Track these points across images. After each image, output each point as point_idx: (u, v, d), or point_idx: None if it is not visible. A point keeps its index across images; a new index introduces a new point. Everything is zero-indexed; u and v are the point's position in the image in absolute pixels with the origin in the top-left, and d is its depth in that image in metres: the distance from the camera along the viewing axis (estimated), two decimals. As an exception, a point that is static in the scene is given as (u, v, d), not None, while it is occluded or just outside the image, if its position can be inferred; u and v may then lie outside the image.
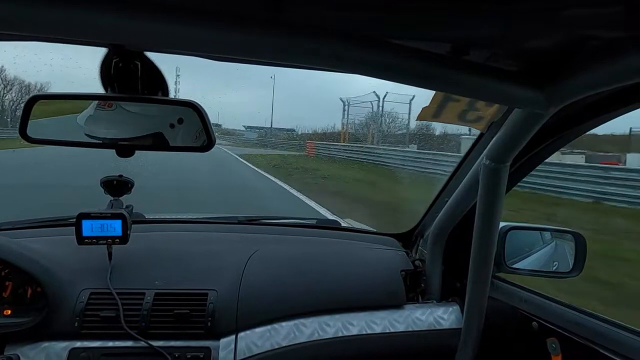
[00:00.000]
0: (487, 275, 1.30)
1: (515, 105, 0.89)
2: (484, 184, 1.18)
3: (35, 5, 0.50)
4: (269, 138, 44.41)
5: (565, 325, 1.16)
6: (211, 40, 0.57)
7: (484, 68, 0.71)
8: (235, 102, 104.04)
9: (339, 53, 0.60)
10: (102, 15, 0.52)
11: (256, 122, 70.38)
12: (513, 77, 0.72)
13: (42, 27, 0.53)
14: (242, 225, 1.86)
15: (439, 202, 1.59)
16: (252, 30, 0.56)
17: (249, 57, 0.66)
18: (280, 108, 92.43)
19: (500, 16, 0.58)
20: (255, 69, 29.80)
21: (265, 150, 31.95)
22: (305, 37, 0.58)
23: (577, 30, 0.61)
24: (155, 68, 0.76)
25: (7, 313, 1.26)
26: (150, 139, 0.88)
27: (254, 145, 41.25)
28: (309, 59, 0.62)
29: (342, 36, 0.60)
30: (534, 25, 0.61)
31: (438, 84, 0.73)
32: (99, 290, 1.29)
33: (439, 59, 0.66)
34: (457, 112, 1.08)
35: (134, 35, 0.56)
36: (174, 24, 0.54)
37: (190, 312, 1.28)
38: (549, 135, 1.12)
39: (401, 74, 0.66)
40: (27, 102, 0.84)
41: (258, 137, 50.60)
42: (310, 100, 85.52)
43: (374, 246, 1.74)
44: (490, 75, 0.71)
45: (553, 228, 1.58)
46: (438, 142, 24.00)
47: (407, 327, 1.44)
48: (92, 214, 1.27)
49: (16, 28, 0.53)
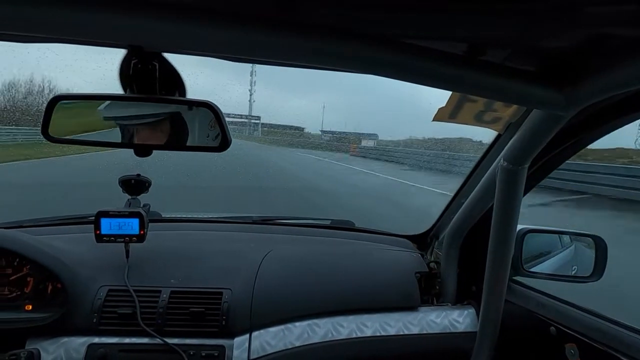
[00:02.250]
0: (504, 279, 1.28)
1: (534, 106, 0.88)
2: (501, 186, 1.16)
3: (56, 8, 0.51)
4: (332, 142, 44.53)
5: (585, 331, 1.13)
6: (227, 41, 0.58)
7: (501, 68, 0.70)
8: (327, 106, 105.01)
9: (353, 53, 0.60)
10: (121, 18, 0.53)
11: (341, 127, 70.25)
12: (531, 77, 0.71)
13: (63, 29, 0.54)
14: (257, 225, 1.87)
15: (455, 204, 1.57)
16: (267, 31, 0.57)
17: (263, 57, 0.66)
18: (368, 115, 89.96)
19: (518, 15, 0.57)
20: (343, 75, 30.87)
21: (315, 151, 34.18)
22: (321, 38, 0.58)
23: (597, 29, 0.60)
24: (173, 68, 0.77)
25: (28, 308, 1.29)
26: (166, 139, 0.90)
27: (316, 147, 42.25)
28: (325, 59, 0.62)
29: (357, 36, 0.59)
30: (553, 25, 0.59)
31: (454, 84, 0.72)
32: (116, 288, 1.31)
33: (456, 59, 0.65)
34: (474, 113, 1.07)
35: (152, 37, 0.57)
36: (191, 26, 0.55)
37: (205, 310, 1.29)
38: (568, 136, 1.10)
39: (417, 74, 0.65)
40: (49, 103, 0.86)
41: (327, 141, 50.03)
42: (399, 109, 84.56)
43: (388, 247, 1.73)
44: (507, 76, 0.69)
45: (572, 231, 1.54)
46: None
47: (422, 330, 1.42)
48: (110, 212, 1.30)
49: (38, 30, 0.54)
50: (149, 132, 0.88)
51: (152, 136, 0.88)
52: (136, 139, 0.88)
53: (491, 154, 1.35)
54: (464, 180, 1.53)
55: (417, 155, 23.86)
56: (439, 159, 20.58)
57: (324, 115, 69.01)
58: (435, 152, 22.85)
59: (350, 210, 7.66)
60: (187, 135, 0.89)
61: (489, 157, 1.36)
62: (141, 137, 0.88)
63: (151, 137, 0.88)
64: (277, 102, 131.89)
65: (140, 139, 0.88)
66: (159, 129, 0.88)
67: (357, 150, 33.46)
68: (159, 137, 0.88)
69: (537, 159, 1.12)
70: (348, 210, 7.76)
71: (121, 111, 0.87)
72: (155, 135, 0.88)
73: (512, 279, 1.40)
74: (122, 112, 0.87)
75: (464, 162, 15.37)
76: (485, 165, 1.38)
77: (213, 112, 0.84)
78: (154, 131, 0.88)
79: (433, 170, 18.72)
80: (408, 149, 28.94)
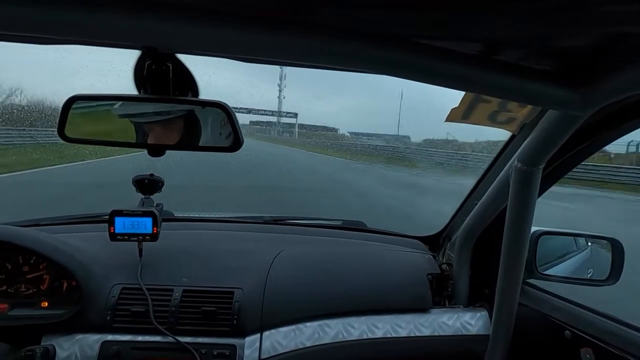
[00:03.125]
0: (518, 282, 1.27)
1: (549, 106, 0.86)
2: (515, 187, 1.14)
3: (73, 10, 0.52)
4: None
5: (601, 335, 1.11)
6: (241, 42, 0.58)
7: (516, 68, 0.69)
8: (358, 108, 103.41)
9: (366, 53, 0.60)
10: (136, 19, 0.54)
11: (373, 129, 67.26)
12: (547, 77, 0.70)
13: (80, 31, 0.55)
14: (268, 225, 1.88)
15: (468, 204, 1.56)
16: (281, 32, 0.57)
17: (278, 58, 0.66)
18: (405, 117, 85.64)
19: (533, 14, 0.56)
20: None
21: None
22: (334, 38, 0.58)
23: (613, 28, 0.59)
24: (186, 69, 0.78)
25: (44, 305, 1.32)
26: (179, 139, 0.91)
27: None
28: (337, 60, 0.61)
29: (369, 36, 0.59)
30: (569, 23, 0.58)
31: (468, 84, 0.71)
32: (129, 286, 1.33)
33: (469, 58, 0.65)
34: (488, 114, 1.05)
35: (166, 38, 0.58)
36: (205, 27, 0.55)
37: (216, 309, 1.30)
38: (584, 137, 1.08)
39: (430, 74, 0.64)
40: (66, 103, 0.87)
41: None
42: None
43: (400, 248, 1.72)
44: (522, 76, 0.68)
45: (588, 234, 1.52)
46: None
47: (433, 332, 1.41)
48: (124, 211, 1.32)
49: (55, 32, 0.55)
50: (162, 132, 0.88)
51: (165, 136, 0.89)
52: (150, 139, 0.89)
53: (505, 155, 1.33)
54: (477, 181, 1.51)
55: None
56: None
57: (347, 117, 62.76)
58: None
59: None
60: (200, 135, 0.89)
61: (503, 158, 1.35)
62: (155, 137, 0.89)
63: (164, 137, 0.89)
64: (305, 103, 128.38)
65: (153, 138, 0.89)
66: (173, 129, 0.88)
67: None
68: (172, 137, 0.89)
69: (552, 160, 1.10)
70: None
71: (135, 111, 0.88)
72: (169, 135, 0.89)
73: (526, 282, 1.38)
74: (136, 112, 0.88)
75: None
76: (498, 166, 1.37)
77: (225, 112, 0.84)
78: (168, 131, 0.88)
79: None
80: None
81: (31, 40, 0.70)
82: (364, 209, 8.32)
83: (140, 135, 0.89)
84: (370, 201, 9.86)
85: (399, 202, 9.89)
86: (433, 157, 28.46)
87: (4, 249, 1.31)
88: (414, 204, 9.78)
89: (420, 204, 9.67)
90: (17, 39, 0.69)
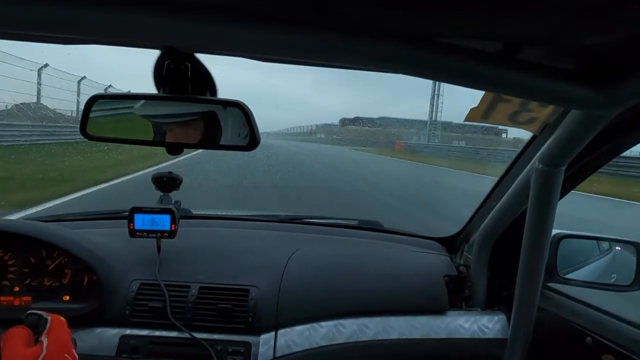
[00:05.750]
0: (537, 285, 1.24)
1: (572, 106, 0.84)
2: (535, 189, 1.12)
3: (92, 9, 0.53)
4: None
5: (623, 342, 1.08)
6: (260, 42, 0.58)
7: (538, 67, 0.67)
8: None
9: (386, 53, 0.59)
10: (157, 19, 0.54)
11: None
12: (570, 76, 0.68)
13: (102, 31, 0.56)
14: (284, 223, 1.89)
15: (486, 206, 1.53)
16: (301, 32, 0.57)
17: (297, 57, 0.66)
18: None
19: (556, 13, 0.54)
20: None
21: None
22: (354, 38, 0.58)
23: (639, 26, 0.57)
24: (205, 69, 0.78)
25: (65, 299, 1.35)
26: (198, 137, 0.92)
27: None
28: (357, 59, 0.61)
29: (389, 36, 0.58)
30: (593, 22, 0.57)
31: (489, 84, 0.70)
32: (148, 282, 1.35)
33: (491, 58, 0.63)
34: (508, 114, 1.03)
35: (186, 38, 0.59)
36: (224, 27, 0.55)
37: (232, 307, 1.31)
38: (609, 138, 1.05)
39: (451, 74, 0.64)
40: (87, 102, 0.90)
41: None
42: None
43: (416, 249, 1.70)
44: (545, 75, 0.67)
45: (612, 238, 1.47)
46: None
47: (449, 334, 1.40)
48: (143, 208, 1.35)
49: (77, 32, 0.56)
50: (182, 130, 0.90)
51: (185, 135, 0.90)
52: (169, 138, 0.90)
53: (525, 156, 1.31)
54: (496, 182, 1.48)
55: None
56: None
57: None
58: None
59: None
60: (220, 134, 0.90)
61: (523, 159, 1.32)
62: (174, 135, 0.90)
63: (184, 136, 0.90)
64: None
65: (173, 137, 0.90)
66: (193, 128, 0.90)
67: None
68: (192, 136, 0.90)
69: (574, 162, 1.08)
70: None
71: (155, 110, 0.90)
72: (189, 133, 0.90)
73: (546, 285, 1.35)
74: (156, 111, 0.90)
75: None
76: (518, 167, 1.34)
77: (243, 112, 0.85)
78: (188, 130, 0.90)
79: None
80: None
81: (52, 40, 0.72)
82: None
83: (160, 133, 0.91)
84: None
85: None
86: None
87: (29, 243, 1.35)
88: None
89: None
90: (37, 39, 0.70)
